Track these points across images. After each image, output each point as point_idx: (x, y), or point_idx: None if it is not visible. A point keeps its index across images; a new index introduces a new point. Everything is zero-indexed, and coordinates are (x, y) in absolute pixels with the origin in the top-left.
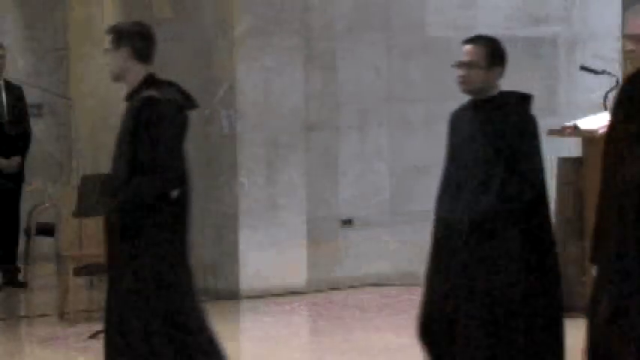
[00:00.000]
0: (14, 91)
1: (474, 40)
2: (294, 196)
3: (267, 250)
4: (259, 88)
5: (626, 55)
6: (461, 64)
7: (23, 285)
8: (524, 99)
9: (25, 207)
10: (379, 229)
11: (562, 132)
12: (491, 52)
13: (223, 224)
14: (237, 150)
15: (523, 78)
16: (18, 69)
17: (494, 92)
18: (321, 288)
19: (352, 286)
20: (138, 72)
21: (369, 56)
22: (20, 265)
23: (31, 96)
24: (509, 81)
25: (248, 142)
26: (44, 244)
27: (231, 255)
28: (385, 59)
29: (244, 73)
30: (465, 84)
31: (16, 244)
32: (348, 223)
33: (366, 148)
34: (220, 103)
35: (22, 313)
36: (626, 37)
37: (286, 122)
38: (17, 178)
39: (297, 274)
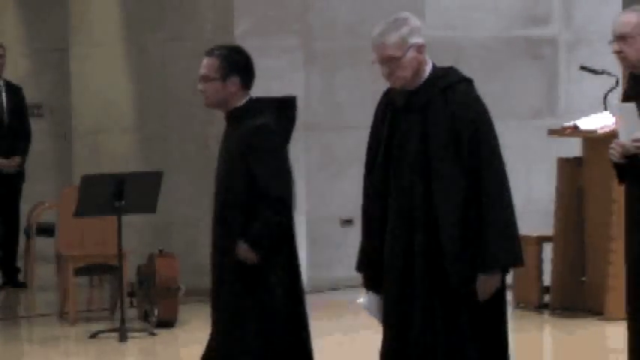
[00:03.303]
0: (14, 91)
1: (209, 52)
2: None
3: None
4: (259, 88)
5: (616, 56)
6: (199, 79)
7: (23, 285)
8: (283, 103)
9: (25, 207)
10: None
11: (562, 132)
12: (226, 63)
13: None
14: None
15: (523, 78)
16: (18, 69)
17: (242, 102)
18: (321, 288)
19: (352, 286)
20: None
21: (369, 56)
22: (20, 265)
23: (31, 96)
24: (510, 81)
25: None
26: (44, 244)
27: None
28: None
29: None
30: (205, 99)
31: (16, 244)
32: (348, 223)
33: (365, 148)
34: None
35: (22, 313)
36: (614, 38)
37: None
38: (17, 178)
39: None
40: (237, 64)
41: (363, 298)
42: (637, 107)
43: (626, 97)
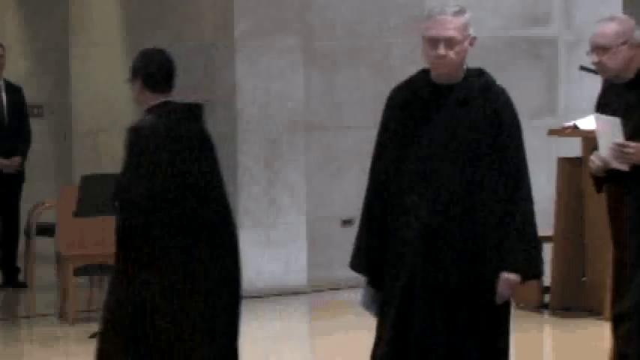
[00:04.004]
0: (14, 91)
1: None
2: (294, 196)
3: (267, 250)
4: (259, 88)
5: (596, 66)
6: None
7: (23, 285)
8: (194, 108)
9: (25, 207)
10: None
11: (562, 132)
12: (131, 67)
13: None
14: (237, 150)
15: (523, 78)
16: (18, 69)
17: (151, 105)
18: (321, 288)
19: (352, 286)
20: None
21: (369, 56)
22: (20, 265)
23: (31, 96)
24: (510, 81)
25: (248, 142)
26: (44, 244)
27: None
28: (384, 59)
29: (244, 73)
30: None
31: (16, 244)
32: (348, 223)
33: (366, 148)
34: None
35: (22, 313)
36: (592, 48)
37: (286, 122)
38: (17, 178)
39: (297, 274)
40: (138, 69)
41: (360, 294)
42: (611, 115)
43: (599, 106)
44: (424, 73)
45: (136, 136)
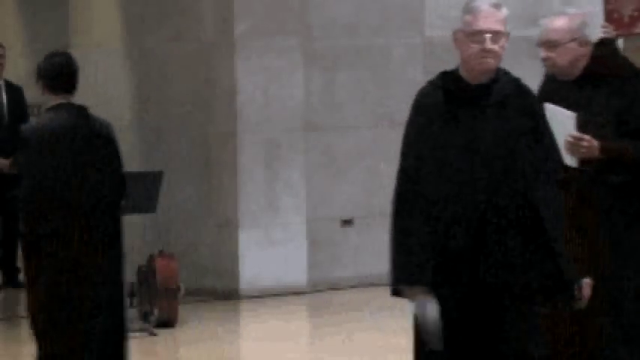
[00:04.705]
0: (14, 91)
1: None
2: (294, 196)
3: (267, 250)
4: (259, 88)
5: (543, 62)
6: None
7: (23, 285)
8: (82, 109)
9: None
10: (379, 229)
11: None
12: (36, 68)
13: (223, 224)
14: (237, 150)
15: (523, 78)
16: (18, 69)
17: (52, 105)
18: (321, 288)
19: (352, 286)
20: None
21: (369, 56)
22: (20, 265)
23: (31, 96)
24: None
25: (248, 142)
26: None
27: (231, 255)
28: (384, 59)
29: (244, 73)
30: None
31: (16, 244)
32: (348, 223)
33: (366, 148)
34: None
35: (22, 313)
36: (539, 44)
37: (286, 122)
38: (17, 178)
39: (297, 274)
40: (40, 71)
41: (415, 306)
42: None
43: (540, 100)
44: (450, 74)
45: (23, 133)
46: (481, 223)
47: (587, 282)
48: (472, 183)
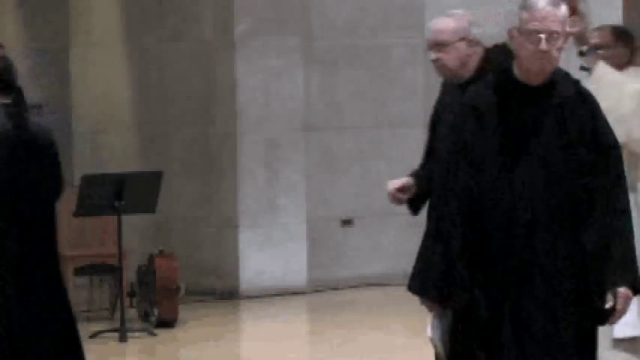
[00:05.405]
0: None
1: None
2: (294, 196)
3: (267, 250)
4: (259, 88)
5: (434, 64)
6: None
7: None
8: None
9: None
10: (379, 229)
11: None
12: None
13: (223, 224)
14: (237, 150)
15: None
16: (18, 69)
17: None
18: (321, 288)
19: (352, 286)
20: None
21: (369, 56)
22: None
23: (31, 96)
24: None
25: (248, 142)
26: None
27: (231, 255)
28: (384, 59)
29: (244, 73)
30: None
31: None
32: (348, 223)
33: (365, 148)
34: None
35: None
36: (429, 47)
37: (286, 122)
38: None
39: (297, 274)
40: None
41: (431, 326)
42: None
43: (438, 108)
44: (504, 74)
45: None
46: (531, 228)
47: (622, 292)
48: (528, 186)
